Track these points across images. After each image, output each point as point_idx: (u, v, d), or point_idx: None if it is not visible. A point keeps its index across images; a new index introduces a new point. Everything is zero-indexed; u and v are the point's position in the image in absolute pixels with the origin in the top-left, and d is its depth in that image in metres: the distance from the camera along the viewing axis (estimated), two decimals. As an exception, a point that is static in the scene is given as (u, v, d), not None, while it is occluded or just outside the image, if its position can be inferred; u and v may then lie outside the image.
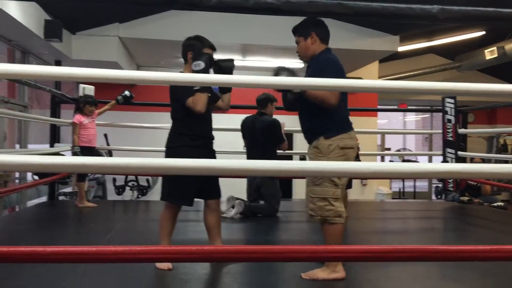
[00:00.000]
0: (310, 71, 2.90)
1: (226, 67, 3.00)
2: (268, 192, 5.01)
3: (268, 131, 5.00)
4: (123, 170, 2.83)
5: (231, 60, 3.04)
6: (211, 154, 3.15)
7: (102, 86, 5.93)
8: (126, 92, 5.62)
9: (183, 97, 2.94)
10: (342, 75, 2.81)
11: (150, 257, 1.65)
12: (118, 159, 1.79)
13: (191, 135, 3.02)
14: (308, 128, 2.94)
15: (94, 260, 1.60)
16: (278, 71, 2.82)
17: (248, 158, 5.05)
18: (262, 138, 5.01)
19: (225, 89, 3.22)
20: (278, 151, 5.17)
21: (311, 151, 2.87)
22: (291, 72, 2.80)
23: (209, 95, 3.11)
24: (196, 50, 3.02)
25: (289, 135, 9.29)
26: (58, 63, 7.66)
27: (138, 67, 10.02)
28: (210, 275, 2.92)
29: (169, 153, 3.04)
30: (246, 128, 5.19)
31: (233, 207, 4.88)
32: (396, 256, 1.82)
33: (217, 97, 3.24)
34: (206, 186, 3.07)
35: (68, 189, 7.20)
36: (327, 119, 2.81)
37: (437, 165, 1.84)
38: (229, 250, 1.72)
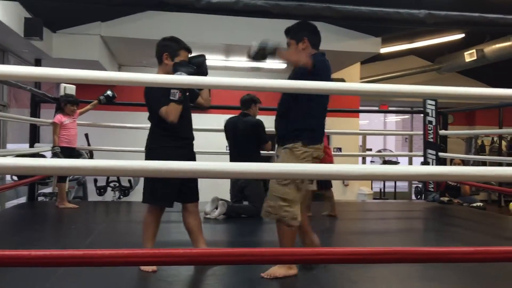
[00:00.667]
0: (294, 73, 2.90)
1: (197, 62, 2.97)
2: (252, 193, 5.00)
3: (252, 132, 5.00)
4: (106, 173, 2.79)
5: (202, 56, 3.02)
6: (192, 155, 3.13)
7: (83, 85, 5.86)
8: (109, 92, 5.56)
9: (156, 106, 2.91)
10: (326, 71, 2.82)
11: (138, 261, 1.63)
12: (102, 162, 1.77)
13: (170, 136, 2.99)
14: (288, 129, 2.90)
15: (81, 264, 1.58)
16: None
17: (231, 159, 5.04)
18: (245, 139, 5.00)
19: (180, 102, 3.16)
20: (261, 151, 5.18)
21: (283, 151, 2.88)
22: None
23: (187, 93, 3.09)
24: (171, 51, 3.00)
25: (273, 136, 9.31)
26: (38, 61, 7.53)
27: (120, 67, 9.92)
28: (194, 277, 2.90)
29: (150, 154, 3.00)
30: (229, 129, 5.18)
31: (217, 208, 4.87)
32: (381, 258, 1.84)
33: (195, 94, 3.22)
34: (185, 189, 3.05)
35: (48, 190, 7.09)
36: (310, 126, 2.85)
37: (427, 167, 1.86)
38: (217, 253, 1.71)
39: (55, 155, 5.09)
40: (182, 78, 2.48)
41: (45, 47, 6.99)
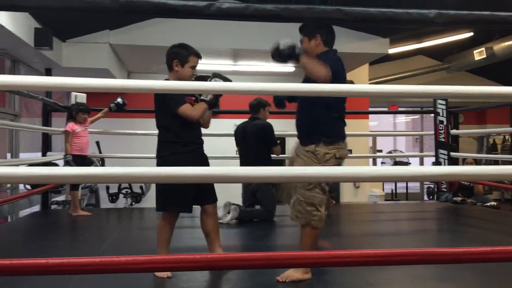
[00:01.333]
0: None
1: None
2: (263, 197, 5.00)
3: (261, 135, 5.00)
4: (119, 179, 2.81)
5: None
6: (203, 158, 3.12)
7: (94, 93, 5.92)
8: (119, 100, 5.59)
9: (175, 105, 2.92)
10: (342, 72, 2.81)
11: (155, 267, 1.64)
12: (114, 169, 1.78)
13: (180, 142, 2.99)
14: (307, 130, 2.90)
15: (98, 271, 1.59)
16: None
17: (242, 163, 5.04)
18: (255, 143, 5.00)
19: (210, 105, 3.12)
20: (271, 155, 5.18)
21: (306, 155, 2.84)
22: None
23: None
24: (181, 57, 3.01)
25: (282, 139, 9.32)
26: (48, 71, 7.61)
27: (129, 74, 9.98)
28: (209, 282, 2.90)
29: (161, 162, 2.99)
30: (239, 135, 5.17)
31: (229, 212, 4.87)
32: (397, 259, 1.83)
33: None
34: (202, 191, 3.05)
35: (61, 198, 7.15)
36: (330, 125, 2.81)
37: (440, 168, 1.85)
38: (232, 258, 1.72)
39: (67, 163, 5.12)
40: (190, 84, 2.50)
41: (55, 57, 7.06)
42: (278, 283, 2.74)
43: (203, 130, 3.21)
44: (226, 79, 2.95)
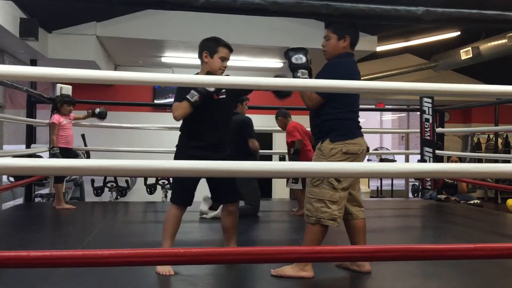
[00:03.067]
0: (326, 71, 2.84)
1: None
2: (247, 192, 4.98)
3: (240, 129, 4.96)
4: (107, 173, 2.77)
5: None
6: (208, 157, 3.06)
7: (79, 85, 5.86)
8: (98, 110, 5.58)
9: (175, 99, 2.93)
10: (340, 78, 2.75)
11: (138, 261, 1.62)
12: (102, 161, 1.76)
13: (187, 135, 3.01)
14: (315, 129, 2.90)
15: (81, 264, 1.57)
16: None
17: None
18: (234, 137, 4.96)
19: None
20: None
21: (315, 153, 2.85)
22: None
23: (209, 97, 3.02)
24: (210, 49, 3.01)
25: (269, 135, 9.32)
26: (33, 62, 7.52)
27: (116, 67, 9.89)
28: (194, 278, 2.90)
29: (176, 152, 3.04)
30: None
31: (211, 208, 4.86)
32: (381, 255, 1.83)
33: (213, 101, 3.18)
34: (224, 190, 3.08)
35: (45, 191, 7.07)
36: (334, 122, 2.78)
37: (426, 165, 1.86)
38: (216, 252, 1.71)
39: (53, 155, 5.07)
40: (171, 77, 2.46)
41: (40, 48, 6.97)
42: (258, 278, 2.74)
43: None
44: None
